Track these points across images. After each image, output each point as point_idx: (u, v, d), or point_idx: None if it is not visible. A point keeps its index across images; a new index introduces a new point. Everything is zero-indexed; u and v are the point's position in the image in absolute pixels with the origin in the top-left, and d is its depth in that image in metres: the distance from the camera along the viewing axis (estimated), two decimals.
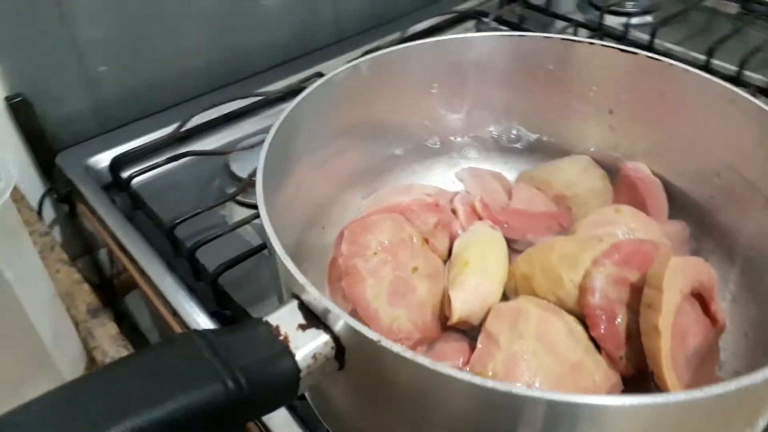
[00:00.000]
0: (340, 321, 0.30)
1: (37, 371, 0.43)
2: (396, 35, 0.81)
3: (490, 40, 0.52)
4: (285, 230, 0.45)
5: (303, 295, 0.32)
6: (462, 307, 0.40)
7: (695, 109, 0.48)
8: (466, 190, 0.52)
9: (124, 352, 0.50)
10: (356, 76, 0.48)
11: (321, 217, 0.50)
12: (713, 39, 0.74)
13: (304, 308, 0.32)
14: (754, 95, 0.48)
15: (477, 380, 0.27)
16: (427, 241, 0.45)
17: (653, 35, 0.77)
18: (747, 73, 0.72)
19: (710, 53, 0.73)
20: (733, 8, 0.88)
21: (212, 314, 0.52)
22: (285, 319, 0.31)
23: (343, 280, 0.40)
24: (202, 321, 0.51)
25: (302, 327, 0.31)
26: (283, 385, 0.30)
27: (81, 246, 0.74)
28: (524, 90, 0.54)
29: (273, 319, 0.31)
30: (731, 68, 0.73)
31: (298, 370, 0.30)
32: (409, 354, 0.28)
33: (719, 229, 0.48)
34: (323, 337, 0.31)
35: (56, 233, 0.73)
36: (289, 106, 0.43)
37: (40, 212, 0.68)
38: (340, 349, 0.31)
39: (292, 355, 0.30)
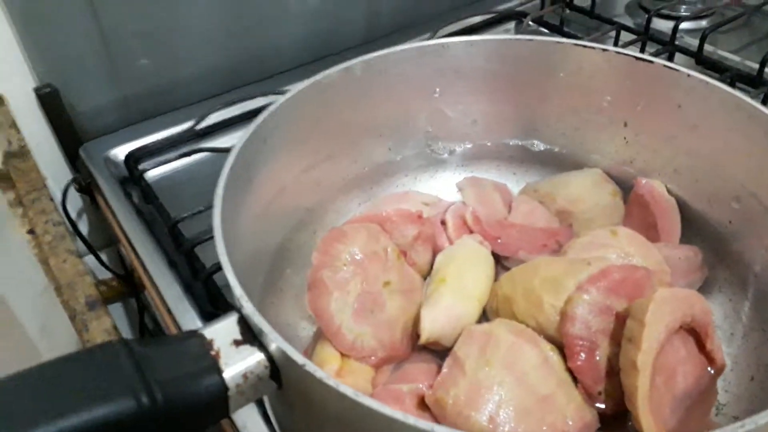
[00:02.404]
0: (273, 341, 0.29)
1: (22, 364, 0.44)
2: (427, 36, 0.79)
3: (496, 44, 0.49)
4: (262, 233, 0.44)
5: (242, 309, 0.31)
6: (431, 327, 0.39)
7: (715, 126, 0.44)
8: (462, 201, 0.49)
9: None
10: (349, 79, 0.47)
11: (312, 221, 0.49)
12: None
13: (243, 323, 0.31)
14: None
15: (398, 415, 0.26)
16: (405, 254, 0.43)
17: (703, 41, 0.72)
18: None
19: (764, 63, 0.67)
20: None
21: (205, 314, 0.52)
22: (221, 333, 0.31)
23: (309, 292, 0.39)
24: (192, 320, 0.51)
25: (237, 343, 0.30)
26: (207, 403, 0.29)
27: (106, 236, 0.76)
28: (534, 98, 0.51)
29: (209, 332, 0.31)
30: None
31: (225, 388, 0.29)
32: (331, 382, 0.27)
33: (735, 258, 0.44)
34: (257, 356, 0.30)
35: (83, 222, 0.75)
36: (269, 109, 0.42)
37: (64, 200, 0.70)
38: (275, 368, 0.30)
39: (219, 373, 0.29)
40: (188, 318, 0.52)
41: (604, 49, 0.47)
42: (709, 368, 0.39)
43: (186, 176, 0.66)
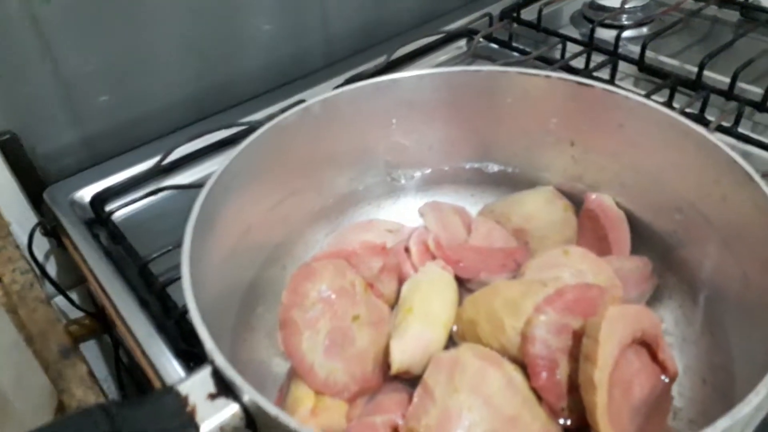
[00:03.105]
0: (246, 393, 0.30)
1: None
2: (382, 59, 0.81)
3: (446, 76, 0.51)
4: (232, 273, 0.45)
5: (215, 362, 0.32)
6: (401, 357, 0.40)
7: (654, 143, 0.47)
8: (425, 226, 0.51)
9: (91, 395, 0.51)
10: (308, 118, 0.48)
11: (280, 256, 0.51)
12: (711, 49, 0.71)
13: (217, 375, 0.32)
14: (713, 130, 0.46)
15: None
16: (371, 286, 0.44)
17: (644, 48, 0.75)
18: (740, 85, 0.70)
19: (702, 67, 0.71)
20: (734, 16, 0.85)
21: (179, 353, 0.53)
22: (196, 387, 0.32)
23: (280, 332, 0.40)
24: (167, 361, 0.52)
25: (212, 396, 0.31)
26: None
27: (75, 275, 0.76)
28: (485, 122, 0.53)
29: (184, 387, 0.32)
30: (724, 80, 0.70)
31: None
32: (305, 430, 0.28)
33: (682, 266, 0.47)
34: (232, 408, 0.31)
35: (51, 263, 0.75)
36: (229, 155, 0.43)
37: (30, 245, 0.70)
38: (251, 419, 0.31)
39: (196, 428, 0.30)
40: (162, 358, 0.52)
41: (547, 76, 0.49)
42: (662, 376, 0.41)
43: (153, 214, 0.67)
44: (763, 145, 0.63)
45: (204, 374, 0.32)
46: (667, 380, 0.41)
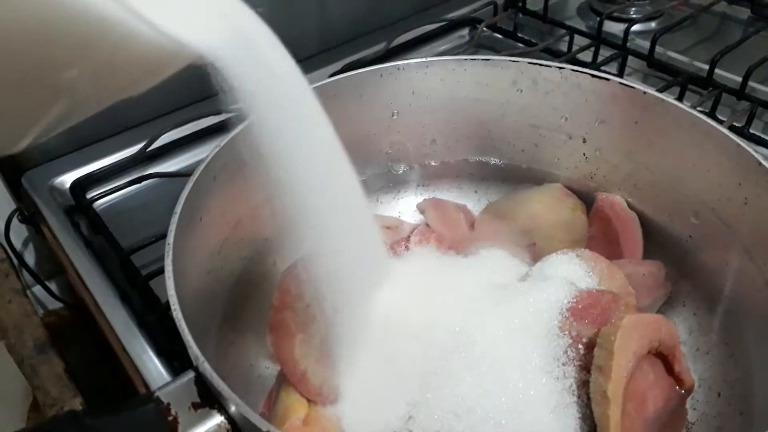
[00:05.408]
0: (233, 404, 0.27)
1: None
2: (381, 46, 0.78)
3: (452, 64, 0.48)
4: (218, 269, 0.43)
5: (200, 369, 0.29)
6: None
7: (671, 141, 0.44)
8: (425, 223, 0.49)
9: (67, 394, 0.48)
10: None
11: (270, 252, 0.48)
12: (722, 46, 0.69)
13: (201, 383, 0.29)
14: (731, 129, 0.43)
15: None
16: None
17: (654, 43, 0.72)
18: (752, 84, 0.67)
19: (713, 64, 0.68)
20: (744, 13, 0.82)
21: (161, 351, 0.50)
22: (178, 395, 0.29)
23: (270, 335, 0.38)
24: (149, 360, 0.49)
25: (195, 406, 0.29)
26: None
27: (54, 264, 0.72)
28: (492, 115, 0.51)
29: (165, 394, 0.29)
30: (736, 79, 0.68)
31: None
32: None
33: (697, 272, 0.45)
34: (216, 419, 0.28)
35: (30, 251, 0.72)
36: (217, 145, 0.40)
37: (7, 232, 0.66)
38: (236, 430, 0.29)
39: None
40: (144, 356, 0.49)
41: (560, 67, 0.46)
42: (677, 388, 0.39)
43: (137, 202, 0.63)
44: None
45: (187, 381, 0.30)
46: (682, 392, 0.39)
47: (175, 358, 0.49)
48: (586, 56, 0.73)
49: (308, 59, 0.79)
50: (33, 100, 0.25)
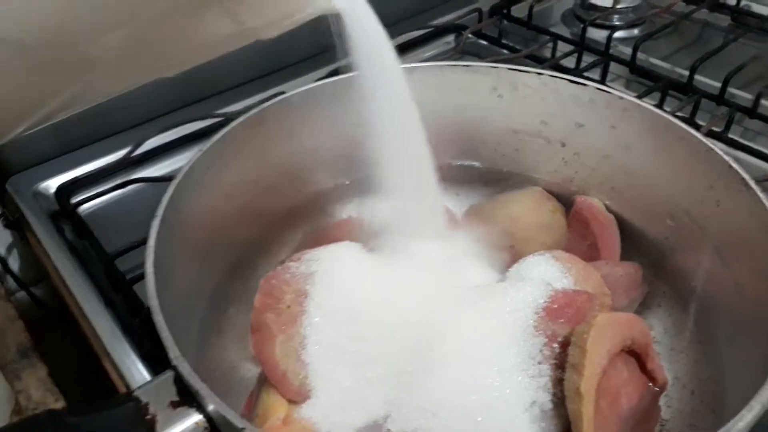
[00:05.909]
0: (211, 403, 0.28)
1: None
2: None
3: (435, 70, 0.49)
4: (200, 272, 0.43)
5: (178, 368, 0.30)
6: None
7: (646, 145, 0.45)
8: None
9: (50, 398, 0.48)
10: (287, 110, 0.46)
11: (253, 257, 0.48)
12: (702, 53, 0.70)
13: (180, 382, 0.30)
14: (706, 134, 0.45)
15: None
16: None
17: (636, 49, 0.73)
18: (731, 90, 0.68)
19: (693, 71, 0.69)
20: (725, 21, 0.84)
21: (144, 356, 0.50)
22: (157, 393, 0.29)
23: (252, 336, 0.38)
24: (132, 364, 0.49)
25: (174, 405, 0.29)
26: None
27: (40, 270, 0.72)
28: (475, 120, 0.51)
29: (144, 393, 0.29)
30: (715, 85, 0.69)
31: None
32: None
33: (673, 273, 0.46)
34: (194, 417, 0.29)
35: (14, 257, 0.72)
36: (200, 149, 0.41)
37: None
38: (215, 428, 0.29)
39: None
40: (127, 361, 0.50)
41: (538, 73, 0.47)
42: (651, 385, 0.39)
43: (122, 207, 0.64)
44: (753, 152, 0.62)
45: (166, 380, 0.30)
46: (655, 390, 0.39)
47: (159, 363, 0.49)
48: (570, 62, 0.74)
49: (295, 65, 0.80)
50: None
